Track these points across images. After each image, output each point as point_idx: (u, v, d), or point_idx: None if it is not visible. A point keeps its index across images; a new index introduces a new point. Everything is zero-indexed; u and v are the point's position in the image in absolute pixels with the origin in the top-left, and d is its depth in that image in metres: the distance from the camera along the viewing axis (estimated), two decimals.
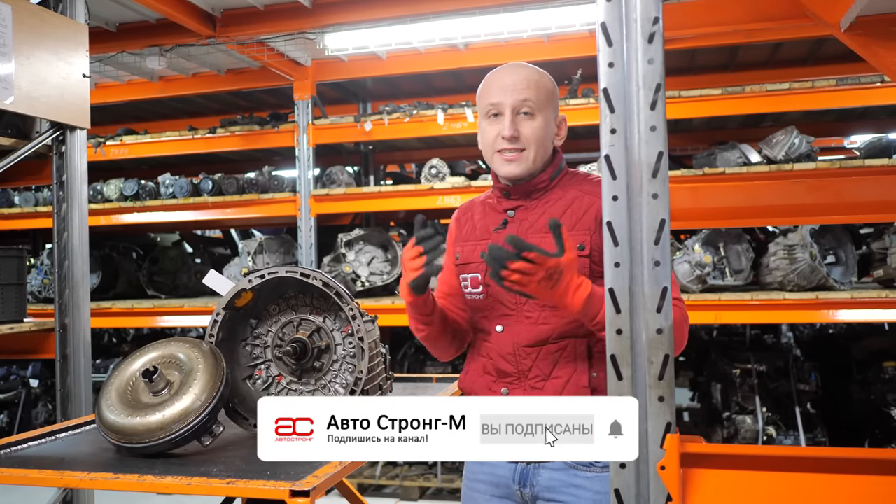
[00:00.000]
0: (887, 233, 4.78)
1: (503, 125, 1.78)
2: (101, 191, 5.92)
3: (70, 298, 3.59)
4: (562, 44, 5.03)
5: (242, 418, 1.99)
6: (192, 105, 6.80)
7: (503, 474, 1.83)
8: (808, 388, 5.19)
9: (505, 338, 1.79)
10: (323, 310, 2.07)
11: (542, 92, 1.81)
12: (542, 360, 1.75)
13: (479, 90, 1.88)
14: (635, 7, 1.32)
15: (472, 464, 1.93)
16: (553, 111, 1.83)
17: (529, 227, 1.79)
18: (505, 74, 1.84)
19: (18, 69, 3.20)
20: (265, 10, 4.68)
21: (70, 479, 1.67)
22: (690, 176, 4.65)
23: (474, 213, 1.94)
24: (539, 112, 1.79)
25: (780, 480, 1.35)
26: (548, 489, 1.78)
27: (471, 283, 1.87)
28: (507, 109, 1.79)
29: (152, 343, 1.99)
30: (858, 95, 4.63)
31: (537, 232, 1.77)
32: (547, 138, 1.81)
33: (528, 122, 1.78)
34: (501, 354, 1.79)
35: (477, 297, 1.86)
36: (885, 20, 1.83)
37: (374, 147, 6.74)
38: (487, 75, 1.88)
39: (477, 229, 1.90)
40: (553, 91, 1.85)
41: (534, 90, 1.79)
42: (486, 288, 1.83)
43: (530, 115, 1.79)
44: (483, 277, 1.83)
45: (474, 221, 1.92)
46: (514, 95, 1.78)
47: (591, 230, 1.73)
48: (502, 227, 1.83)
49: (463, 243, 1.91)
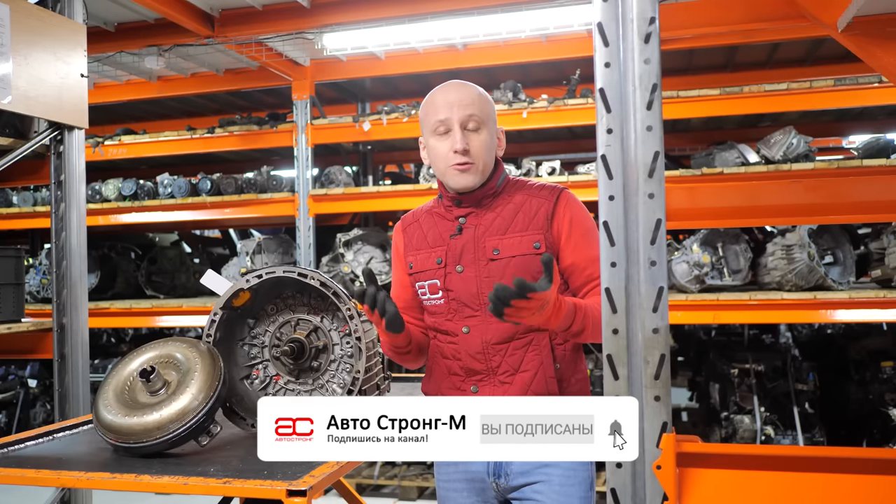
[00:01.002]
0: (885, 233, 4.78)
1: (454, 140, 1.86)
2: (99, 191, 5.92)
3: (68, 298, 3.59)
4: (560, 44, 5.03)
5: (240, 418, 1.99)
6: (190, 105, 6.80)
7: (477, 469, 1.91)
8: (806, 387, 5.20)
9: (473, 338, 1.86)
10: (321, 310, 2.07)
11: (486, 107, 1.90)
12: (510, 355, 1.85)
13: (422, 109, 1.95)
14: (632, 7, 1.33)
15: (442, 465, 1.99)
16: (494, 124, 1.94)
17: (485, 231, 1.89)
18: (449, 92, 1.91)
19: (16, 69, 3.20)
20: (263, 10, 4.67)
21: (67, 479, 1.67)
22: (689, 176, 4.65)
23: (421, 223, 2.01)
24: (483, 126, 1.88)
25: (776, 480, 1.35)
26: (521, 474, 1.87)
27: (429, 289, 1.93)
28: (455, 125, 1.86)
29: (150, 343, 1.99)
30: (856, 96, 4.63)
31: (493, 234, 1.88)
32: (491, 150, 1.91)
33: (476, 136, 1.87)
34: (470, 354, 1.86)
35: (437, 303, 1.92)
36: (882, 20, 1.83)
37: (372, 147, 6.74)
38: (429, 94, 1.95)
39: (428, 237, 1.96)
40: (493, 106, 1.95)
41: (478, 106, 1.88)
42: (446, 293, 1.90)
43: (476, 130, 1.87)
44: (443, 282, 1.90)
45: (423, 231, 1.98)
46: (460, 111, 1.86)
47: (543, 229, 1.86)
48: (458, 233, 1.92)
49: (415, 252, 1.97)
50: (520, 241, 1.85)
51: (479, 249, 1.88)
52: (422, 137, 1.96)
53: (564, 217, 1.87)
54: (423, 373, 2.04)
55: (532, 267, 1.83)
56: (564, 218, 1.86)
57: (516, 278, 1.55)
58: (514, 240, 1.86)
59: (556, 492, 1.84)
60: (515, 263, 1.84)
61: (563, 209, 1.87)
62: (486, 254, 1.87)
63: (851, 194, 4.48)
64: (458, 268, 1.89)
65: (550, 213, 1.86)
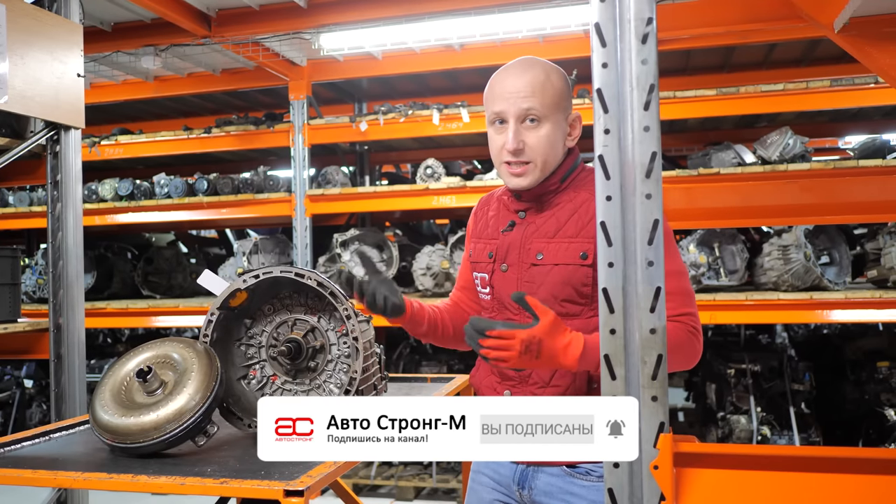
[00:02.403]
0: (881, 233, 4.79)
1: (507, 136, 1.69)
2: (95, 190, 5.91)
3: (64, 298, 3.59)
4: (557, 44, 5.03)
5: (237, 418, 1.99)
6: (187, 105, 6.79)
7: (505, 473, 1.83)
8: (802, 388, 5.21)
9: None
10: (318, 310, 2.07)
11: (549, 95, 1.70)
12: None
13: (485, 92, 1.78)
14: (629, 8, 1.33)
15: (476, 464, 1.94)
16: (563, 112, 1.73)
17: (535, 232, 1.74)
18: (509, 78, 1.72)
19: (12, 68, 3.19)
20: (260, 9, 4.67)
21: (64, 480, 1.67)
22: (685, 176, 4.66)
23: (490, 208, 1.89)
24: (545, 119, 1.69)
25: (773, 480, 1.36)
26: (544, 493, 1.76)
27: (480, 282, 1.85)
28: (510, 118, 1.69)
29: (147, 343, 1.99)
30: (852, 96, 4.64)
31: (541, 237, 1.72)
32: (555, 145, 1.72)
33: (534, 131, 1.69)
34: None
35: (486, 297, 1.85)
36: (878, 21, 1.84)
37: (369, 147, 6.74)
38: (493, 76, 1.77)
39: (489, 227, 1.85)
40: (563, 90, 1.73)
41: (538, 96, 1.68)
42: (492, 289, 1.81)
43: (536, 124, 1.69)
44: (490, 278, 1.81)
45: (488, 218, 1.88)
46: (517, 104, 1.68)
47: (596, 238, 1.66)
48: (509, 228, 1.79)
49: (476, 240, 1.88)
50: (567, 247, 1.68)
51: (524, 251, 1.74)
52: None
53: None
54: (419, 373, 2.03)
55: (574, 277, 1.66)
56: None
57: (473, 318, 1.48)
58: (561, 245, 1.69)
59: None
60: (558, 272, 1.68)
61: None
62: (530, 257, 1.73)
63: (847, 195, 4.49)
64: (503, 266, 1.78)
65: None
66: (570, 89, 1.77)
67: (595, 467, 1.70)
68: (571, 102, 1.78)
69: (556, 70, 1.75)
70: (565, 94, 1.74)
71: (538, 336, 1.48)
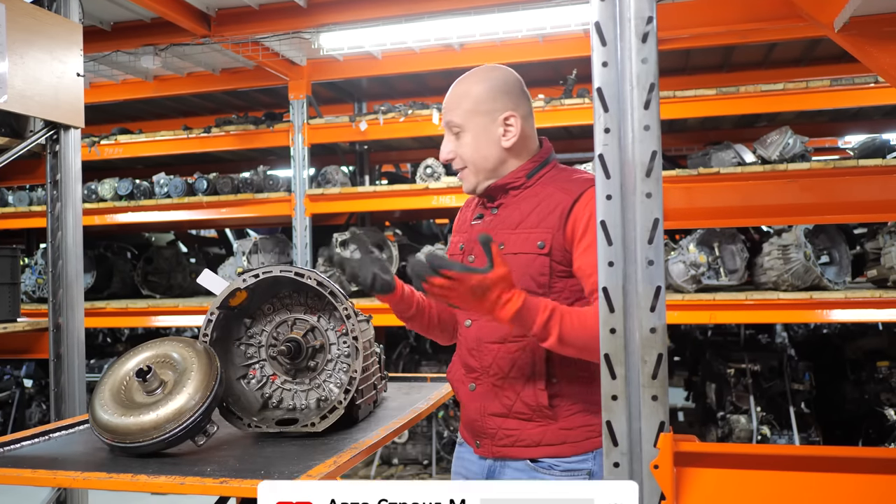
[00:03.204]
0: (881, 233, 4.79)
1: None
2: (95, 190, 5.91)
3: (64, 298, 3.58)
4: (557, 44, 5.03)
5: (237, 418, 1.99)
6: (186, 104, 6.79)
7: (475, 471, 1.87)
8: (802, 387, 5.21)
9: (472, 332, 1.83)
10: (317, 309, 2.07)
11: (465, 104, 1.80)
12: (501, 357, 1.77)
13: None
14: (629, 7, 1.33)
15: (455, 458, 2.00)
16: (486, 116, 1.79)
17: (499, 224, 1.80)
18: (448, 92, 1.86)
19: (12, 68, 3.19)
20: (260, 9, 4.67)
21: (63, 479, 1.67)
22: (685, 176, 4.66)
23: (471, 205, 1.98)
24: (464, 128, 1.80)
25: (773, 479, 1.35)
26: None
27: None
28: (446, 131, 1.84)
29: (146, 342, 1.99)
30: (852, 96, 4.65)
31: (505, 228, 1.78)
32: (481, 148, 1.80)
33: (459, 140, 1.82)
34: (468, 349, 1.84)
35: None
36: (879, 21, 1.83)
37: (369, 147, 6.74)
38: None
39: (465, 222, 1.95)
40: (482, 95, 1.80)
41: (455, 108, 1.81)
42: None
43: (459, 133, 1.82)
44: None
45: (466, 214, 1.97)
46: (445, 116, 1.83)
47: (554, 228, 1.71)
48: (478, 219, 1.88)
49: (455, 234, 1.97)
50: (526, 237, 1.74)
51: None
52: None
53: (581, 216, 1.69)
54: (418, 373, 2.05)
55: (532, 266, 1.72)
56: (581, 217, 1.69)
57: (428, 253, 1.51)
58: (521, 236, 1.75)
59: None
60: (517, 262, 1.72)
61: (583, 207, 1.69)
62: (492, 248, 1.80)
63: (847, 194, 4.48)
64: (470, 257, 1.86)
65: (567, 211, 1.71)
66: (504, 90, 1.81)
67: (558, 462, 1.74)
68: (509, 103, 1.81)
69: (483, 77, 1.83)
70: (487, 97, 1.80)
71: (487, 283, 1.51)
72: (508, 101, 1.81)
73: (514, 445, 1.77)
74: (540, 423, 1.74)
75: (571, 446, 1.74)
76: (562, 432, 1.74)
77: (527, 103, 1.86)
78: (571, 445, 1.74)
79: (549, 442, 1.74)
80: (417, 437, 5.50)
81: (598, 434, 1.64)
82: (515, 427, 1.76)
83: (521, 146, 1.82)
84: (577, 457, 1.74)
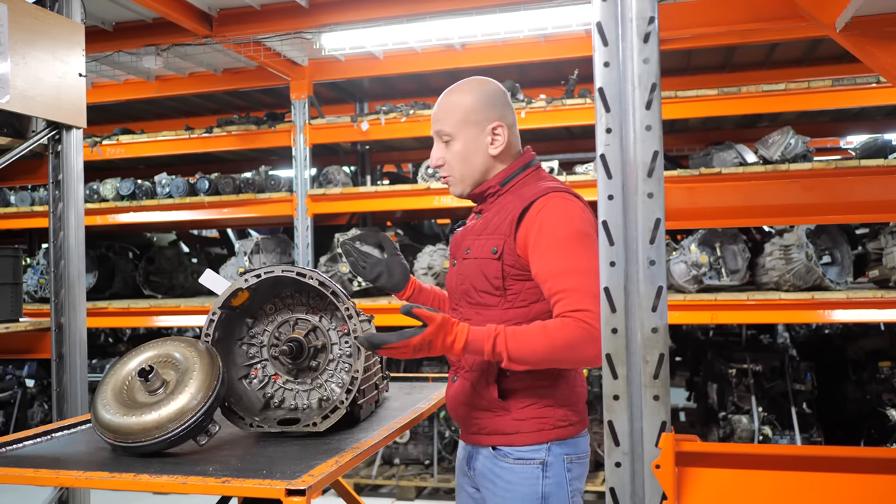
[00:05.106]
0: (883, 233, 4.79)
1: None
2: (97, 190, 5.91)
3: (66, 298, 3.59)
4: (558, 44, 5.03)
5: (239, 417, 1.99)
6: (188, 105, 6.80)
7: (462, 456, 2.05)
8: (803, 387, 5.21)
9: None
10: (319, 309, 2.07)
11: (456, 114, 1.91)
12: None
13: None
14: (631, 7, 1.33)
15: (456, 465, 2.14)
16: (476, 126, 1.91)
17: (470, 230, 1.97)
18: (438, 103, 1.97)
19: (14, 68, 3.19)
20: (262, 9, 4.67)
21: (65, 479, 1.67)
22: (687, 176, 4.65)
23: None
24: (455, 136, 1.91)
25: (775, 479, 1.35)
26: (481, 475, 1.95)
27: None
28: (435, 139, 1.96)
29: (148, 342, 1.99)
30: (854, 96, 4.64)
31: (472, 235, 1.94)
32: (469, 157, 1.92)
33: (449, 148, 1.93)
34: None
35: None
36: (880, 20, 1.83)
37: (370, 147, 6.74)
38: None
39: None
40: (472, 105, 1.91)
41: (444, 117, 1.92)
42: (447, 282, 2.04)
43: (449, 143, 1.93)
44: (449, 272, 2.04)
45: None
46: (434, 126, 1.94)
47: (505, 235, 1.84)
48: (459, 227, 2.04)
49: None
50: (485, 243, 1.88)
51: (460, 247, 1.97)
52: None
53: (532, 224, 1.79)
54: (420, 373, 2.08)
55: (487, 270, 1.86)
56: (532, 225, 1.79)
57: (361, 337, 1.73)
58: (482, 241, 1.89)
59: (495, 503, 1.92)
60: (477, 266, 1.88)
61: (533, 216, 1.80)
62: (462, 252, 1.95)
63: (849, 194, 4.49)
64: (453, 261, 2.01)
65: (517, 219, 1.82)
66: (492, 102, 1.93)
67: (513, 450, 1.88)
68: (496, 113, 1.92)
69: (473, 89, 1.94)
70: (477, 108, 1.91)
71: (428, 337, 1.68)
72: (496, 111, 1.93)
73: (479, 433, 1.93)
74: (497, 414, 1.89)
75: (524, 436, 1.87)
76: (514, 423, 1.87)
77: (512, 114, 1.98)
78: (524, 435, 1.87)
79: (504, 431, 1.89)
80: (419, 437, 5.51)
81: (551, 427, 1.86)
82: (478, 417, 1.92)
83: (506, 154, 1.95)
84: (529, 447, 1.87)
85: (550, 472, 1.86)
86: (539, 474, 1.86)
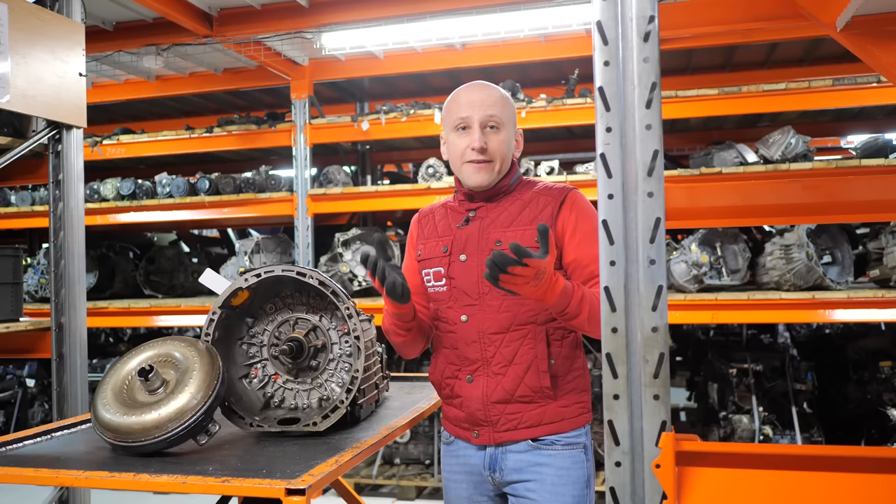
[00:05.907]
0: (883, 233, 4.79)
1: (472, 138, 1.94)
2: (97, 190, 5.91)
3: (66, 298, 3.59)
4: (559, 43, 5.03)
5: (239, 417, 1.99)
6: (188, 104, 6.80)
7: (475, 462, 1.99)
8: (804, 387, 5.20)
9: (470, 326, 1.93)
10: (319, 309, 2.07)
11: (507, 110, 1.99)
12: (504, 346, 1.90)
13: (446, 106, 2.03)
14: (631, 6, 1.33)
15: (446, 457, 2.08)
16: (514, 127, 2.02)
17: (491, 224, 1.97)
18: (474, 91, 1.99)
19: (14, 68, 3.19)
20: (262, 9, 4.67)
21: (66, 478, 1.67)
22: (687, 176, 4.65)
23: (435, 215, 2.10)
24: (503, 128, 1.97)
25: (775, 479, 1.35)
26: (515, 471, 1.93)
27: (434, 276, 2.02)
28: (475, 123, 1.95)
29: (148, 342, 1.99)
30: (855, 95, 4.64)
31: (498, 227, 1.95)
32: (510, 150, 2.00)
33: (495, 136, 1.95)
34: (467, 342, 1.94)
35: (440, 290, 2.00)
36: (881, 20, 1.83)
37: (371, 147, 6.74)
38: (455, 91, 2.03)
39: (438, 228, 2.06)
40: (514, 110, 2.04)
41: (500, 107, 1.96)
42: (449, 280, 1.98)
43: (496, 130, 1.96)
44: (447, 270, 1.98)
45: (435, 222, 2.08)
46: (482, 111, 1.94)
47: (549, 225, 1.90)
48: (465, 223, 2.01)
49: (425, 241, 2.07)
50: (523, 233, 1.91)
51: (483, 240, 1.95)
52: (443, 133, 2.05)
53: (570, 216, 1.92)
54: (420, 373, 2.06)
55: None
56: (570, 216, 1.92)
57: (512, 243, 1.59)
58: (517, 232, 1.92)
59: (549, 490, 1.90)
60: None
61: (569, 208, 1.93)
62: (489, 244, 1.93)
63: (850, 194, 4.48)
64: (461, 257, 1.97)
65: (556, 211, 1.93)
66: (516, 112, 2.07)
67: (559, 437, 1.92)
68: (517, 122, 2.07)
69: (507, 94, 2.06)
70: (514, 113, 2.05)
71: (544, 266, 1.63)
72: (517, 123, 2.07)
73: (516, 429, 1.92)
74: (540, 405, 1.91)
75: (569, 422, 1.92)
76: (560, 409, 1.91)
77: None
78: (569, 421, 1.92)
79: (549, 420, 1.91)
80: (419, 436, 5.51)
81: (587, 410, 1.94)
82: (516, 411, 1.91)
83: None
84: (573, 431, 1.93)
85: (589, 455, 1.96)
86: (584, 457, 1.94)
